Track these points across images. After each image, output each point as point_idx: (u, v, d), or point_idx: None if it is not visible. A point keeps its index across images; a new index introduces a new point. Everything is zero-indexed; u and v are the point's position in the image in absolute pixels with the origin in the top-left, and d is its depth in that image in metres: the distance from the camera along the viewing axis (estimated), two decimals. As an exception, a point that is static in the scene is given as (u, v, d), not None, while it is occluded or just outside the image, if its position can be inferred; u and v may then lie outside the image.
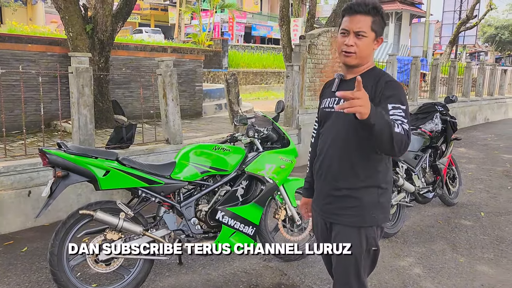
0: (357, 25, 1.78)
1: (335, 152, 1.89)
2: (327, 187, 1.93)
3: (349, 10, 1.82)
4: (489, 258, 3.61)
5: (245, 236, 3.11)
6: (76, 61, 4.36)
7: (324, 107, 1.98)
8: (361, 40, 1.79)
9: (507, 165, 7.23)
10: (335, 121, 1.89)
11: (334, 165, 1.89)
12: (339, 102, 1.84)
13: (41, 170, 4.05)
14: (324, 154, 1.94)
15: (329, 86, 2.02)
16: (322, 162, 1.95)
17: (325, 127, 1.96)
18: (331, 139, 1.91)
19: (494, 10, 27.63)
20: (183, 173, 3.00)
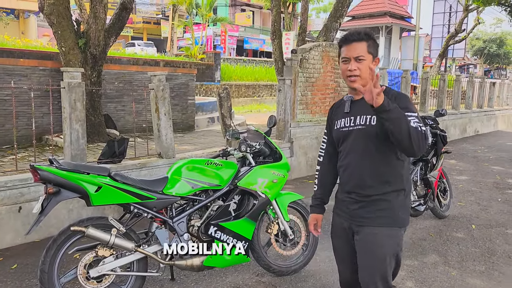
0: (356, 51, 2.03)
1: (361, 164, 2.08)
2: (357, 196, 2.10)
3: (345, 40, 2.08)
4: (481, 271, 3.63)
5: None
6: (69, 76, 4.37)
7: (340, 128, 2.16)
8: (361, 64, 2.02)
9: (497, 177, 7.31)
10: (356, 138, 2.09)
11: (361, 176, 2.08)
12: (355, 121, 2.08)
13: (32, 186, 4.02)
14: (350, 167, 2.12)
15: (338, 107, 2.24)
16: (350, 174, 2.13)
17: (345, 145, 2.15)
18: (355, 153, 2.10)
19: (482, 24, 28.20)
20: (175, 188, 3.00)
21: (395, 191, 2.05)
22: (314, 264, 3.64)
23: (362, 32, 2.06)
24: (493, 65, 54.70)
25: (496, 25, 52.35)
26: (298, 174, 7.01)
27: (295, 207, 3.55)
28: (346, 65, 2.06)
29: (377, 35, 27.65)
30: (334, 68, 7.55)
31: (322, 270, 3.57)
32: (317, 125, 7.36)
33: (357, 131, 2.08)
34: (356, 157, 2.10)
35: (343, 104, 2.19)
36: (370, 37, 2.06)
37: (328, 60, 7.42)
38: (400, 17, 27.93)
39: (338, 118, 2.19)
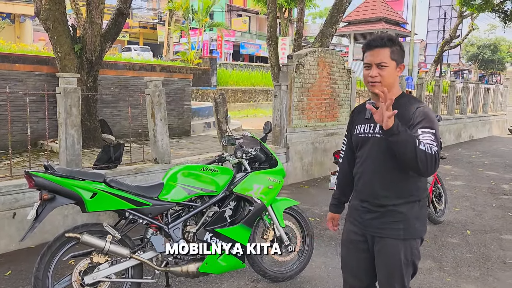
0: (378, 57, 2.01)
1: (376, 173, 2.07)
2: (370, 205, 2.10)
3: (368, 46, 2.06)
4: (476, 277, 3.64)
5: (233, 257, 3.09)
6: (64, 81, 4.37)
7: (360, 133, 2.15)
8: (383, 70, 2.01)
9: (492, 182, 7.35)
10: (373, 146, 2.08)
11: (376, 185, 2.07)
12: (375, 128, 2.07)
13: (27, 192, 4.00)
14: (365, 176, 2.12)
15: (360, 113, 2.23)
16: (364, 183, 2.13)
17: (363, 151, 2.14)
18: (371, 162, 2.10)
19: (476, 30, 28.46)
20: (171, 194, 2.99)
21: (410, 202, 2.03)
22: (310, 270, 3.64)
23: (386, 38, 2.03)
24: (487, 70, 55.10)
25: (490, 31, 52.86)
26: (294, 180, 7.02)
27: (291, 213, 3.55)
28: (367, 71, 2.05)
29: (373, 40, 27.78)
30: (329, 74, 7.58)
31: (318, 276, 3.56)
32: (313, 130, 7.38)
33: (375, 138, 2.07)
34: (371, 165, 2.09)
35: (364, 109, 2.17)
36: (394, 43, 2.01)
37: (324, 66, 7.45)
38: (396, 23, 28.12)
39: (359, 123, 2.18)
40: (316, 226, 4.74)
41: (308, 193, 6.37)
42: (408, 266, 2.04)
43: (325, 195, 6.11)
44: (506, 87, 16.71)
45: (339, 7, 9.23)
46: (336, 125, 7.86)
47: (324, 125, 7.64)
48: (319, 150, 7.50)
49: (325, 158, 7.57)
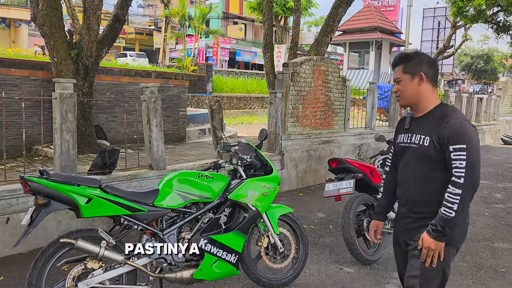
0: (395, 75, 2.23)
1: (413, 182, 2.19)
2: (407, 211, 2.22)
3: (393, 63, 2.25)
4: (468, 285, 3.67)
5: (228, 264, 3.10)
6: (60, 87, 4.38)
7: (400, 142, 2.30)
8: (400, 84, 2.21)
9: (484, 191, 7.40)
10: (411, 155, 2.21)
11: (413, 194, 2.19)
12: (411, 139, 2.20)
13: (21, 197, 3.99)
14: (404, 183, 2.26)
15: (402, 122, 2.36)
16: (403, 191, 2.27)
17: (403, 160, 2.29)
18: (409, 170, 2.23)
19: (470, 40, 28.78)
20: (166, 200, 3.00)
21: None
22: (304, 277, 3.65)
23: (399, 56, 2.24)
24: (480, 80, 55.67)
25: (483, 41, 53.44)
26: (288, 187, 7.04)
27: (285, 220, 3.57)
28: (395, 86, 2.25)
29: (367, 49, 28.07)
30: (324, 82, 7.64)
31: (312, 283, 3.57)
32: (308, 138, 7.42)
33: (412, 148, 2.19)
34: (409, 174, 2.22)
35: (404, 120, 2.33)
36: (406, 59, 2.18)
37: (319, 74, 7.51)
38: (390, 32, 28.40)
39: (400, 133, 2.33)
40: (311, 234, 4.75)
41: (302, 201, 6.39)
42: (437, 272, 2.08)
43: (319, 203, 6.14)
44: (499, 97, 16.89)
45: (334, 16, 9.32)
46: (331, 133, 7.91)
47: (319, 133, 7.69)
48: (313, 157, 7.53)
49: (320, 166, 7.60)
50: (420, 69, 2.15)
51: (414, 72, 2.15)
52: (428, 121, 2.13)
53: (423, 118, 2.17)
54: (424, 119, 2.16)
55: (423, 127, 2.14)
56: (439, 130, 2.06)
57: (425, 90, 2.16)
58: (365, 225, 4.06)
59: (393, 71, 2.26)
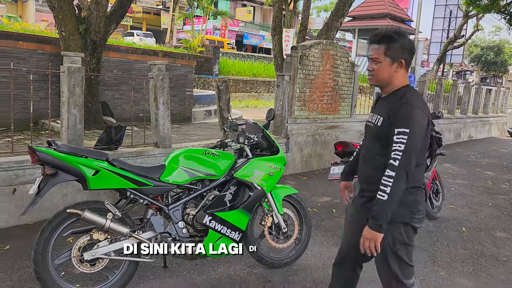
0: (374, 53, 2.12)
1: (366, 159, 2.27)
2: (362, 189, 2.29)
3: (369, 40, 2.18)
4: (469, 272, 3.69)
5: (231, 241, 3.12)
6: (69, 60, 4.36)
7: (367, 121, 2.33)
8: (377, 65, 2.12)
9: (489, 182, 7.39)
10: (368, 134, 2.30)
11: (365, 172, 2.26)
12: (372, 118, 2.23)
13: (28, 168, 4.02)
14: (360, 161, 2.35)
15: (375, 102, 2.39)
16: (360, 168, 2.34)
17: (364, 139, 2.40)
18: (364, 149, 2.32)
19: (481, 31, 28.35)
20: (172, 176, 3.01)
21: None
22: (306, 258, 3.68)
23: (381, 34, 2.11)
24: (489, 72, 55.01)
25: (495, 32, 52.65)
26: (293, 170, 7.05)
27: (290, 201, 3.58)
28: (369, 64, 2.18)
29: (377, 36, 27.69)
30: (333, 67, 7.57)
31: (313, 264, 3.60)
32: (314, 122, 7.39)
33: (370, 127, 2.25)
34: (364, 153, 2.31)
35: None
36: (390, 41, 2.06)
37: (328, 58, 7.44)
38: (400, 19, 28.01)
39: (371, 111, 2.37)
40: (314, 217, 4.77)
41: (306, 184, 6.40)
42: (392, 248, 2.13)
43: (323, 187, 6.15)
44: (508, 89, 16.71)
45: (345, 0, 9.18)
46: (337, 118, 7.87)
47: (325, 118, 7.65)
48: (319, 142, 7.51)
49: (325, 151, 7.59)
50: (402, 55, 2.10)
51: (395, 57, 2.09)
52: (387, 102, 2.13)
53: (386, 99, 2.18)
54: (386, 99, 2.16)
55: (382, 107, 2.15)
56: (390, 111, 2.07)
57: (399, 75, 2.13)
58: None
59: (369, 45, 2.15)
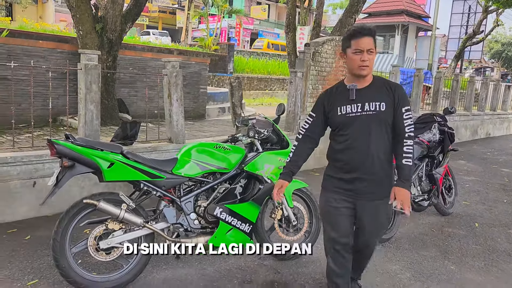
0: (368, 45, 2.35)
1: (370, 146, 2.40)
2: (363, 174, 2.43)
3: (358, 34, 2.36)
4: (480, 267, 3.68)
5: (242, 233, 3.20)
6: (86, 58, 4.49)
7: (347, 113, 2.44)
8: (371, 55, 2.36)
9: (505, 179, 7.30)
10: (365, 122, 2.41)
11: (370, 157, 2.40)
12: (364, 107, 2.40)
13: (47, 162, 4.16)
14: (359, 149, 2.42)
15: (338, 94, 2.51)
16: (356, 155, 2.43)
17: (352, 129, 2.43)
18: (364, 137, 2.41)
19: (501, 26, 27.77)
20: (184, 169, 3.10)
21: (391, 168, 2.51)
22: (316, 251, 3.70)
23: (369, 28, 2.38)
24: (510, 69, 53.76)
25: (516, 28, 51.30)
26: (305, 167, 6.99)
27: (300, 194, 3.64)
28: (358, 56, 2.35)
29: (393, 33, 27.44)
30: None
31: (322, 258, 3.59)
32: (327, 119, 7.39)
33: (367, 116, 2.40)
34: (364, 141, 2.41)
35: (344, 91, 2.47)
36: (374, 34, 2.38)
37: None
38: (417, 16, 27.66)
39: (342, 104, 2.46)
40: (325, 211, 4.80)
41: (318, 180, 6.39)
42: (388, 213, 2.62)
43: (335, 183, 6.16)
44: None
45: (359, -4, 9.15)
46: (350, 115, 7.86)
47: (338, 114, 7.65)
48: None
49: (338, 147, 7.59)
50: (376, 45, 2.42)
51: (375, 47, 2.40)
52: (377, 90, 2.42)
53: (368, 88, 2.42)
54: (371, 89, 2.42)
55: (373, 95, 2.40)
56: (391, 96, 2.40)
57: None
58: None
59: (359, 38, 2.35)
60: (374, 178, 2.43)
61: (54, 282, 2.96)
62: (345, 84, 2.49)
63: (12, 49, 6.21)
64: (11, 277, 3.02)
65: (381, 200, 2.47)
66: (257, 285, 3.14)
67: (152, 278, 3.13)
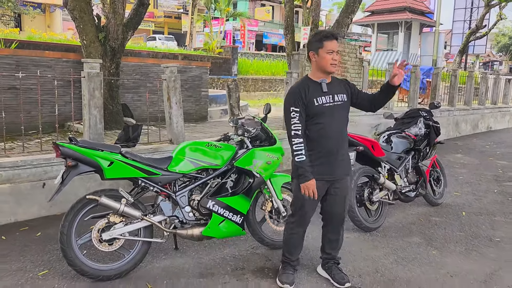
0: (337, 46, 2.92)
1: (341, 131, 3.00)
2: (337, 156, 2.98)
3: (331, 37, 2.92)
4: (460, 251, 3.90)
5: (234, 224, 3.47)
6: (88, 66, 4.80)
7: (323, 103, 2.92)
8: (338, 56, 2.96)
9: (499, 170, 7.46)
10: (337, 111, 2.95)
11: (340, 140, 2.99)
12: (335, 98, 2.95)
13: (55, 165, 4.48)
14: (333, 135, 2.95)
15: (311, 88, 2.94)
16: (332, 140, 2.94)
17: (327, 117, 2.93)
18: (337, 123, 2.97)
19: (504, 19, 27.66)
20: (178, 166, 3.38)
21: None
22: (306, 240, 3.89)
23: (338, 33, 2.98)
24: (518, 61, 53.19)
25: (521, 21, 50.88)
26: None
27: (289, 187, 3.88)
28: (330, 55, 2.89)
29: (396, 30, 27.52)
30: (341, 63, 7.81)
31: (311, 245, 3.89)
32: (324, 117, 7.63)
33: (338, 105, 2.95)
34: (336, 126, 2.96)
35: (315, 85, 2.95)
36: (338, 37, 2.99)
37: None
38: (420, 12, 27.71)
39: (317, 96, 2.93)
40: (318, 205, 5.04)
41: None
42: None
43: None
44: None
45: (355, -4, 9.37)
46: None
47: (335, 112, 7.88)
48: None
49: (335, 144, 7.81)
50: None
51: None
52: (337, 85, 3.02)
53: (332, 84, 2.99)
54: (333, 84, 3.01)
55: (336, 89, 2.99)
56: (347, 87, 3.07)
57: None
58: (366, 196, 4.32)
59: (332, 40, 2.88)
60: (343, 158, 3.02)
61: (63, 272, 3.25)
62: (313, 80, 2.97)
63: (20, 60, 6.57)
64: (23, 268, 3.32)
65: (348, 175, 3.09)
66: (249, 271, 3.40)
67: (152, 267, 3.41)
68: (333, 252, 3.29)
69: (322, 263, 3.35)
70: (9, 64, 6.39)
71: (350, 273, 3.39)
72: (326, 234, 3.29)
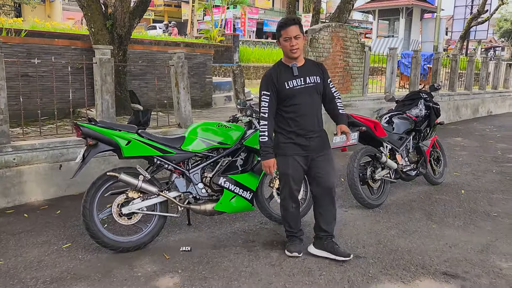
0: (294, 32, 3.02)
1: (313, 112, 3.20)
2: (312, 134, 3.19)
3: (284, 25, 3.05)
4: (459, 225, 4.11)
5: (244, 199, 3.67)
6: (100, 52, 4.97)
7: (294, 86, 3.13)
8: (298, 40, 3.05)
9: (499, 152, 7.65)
10: (308, 93, 3.16)
11: (315, 119, 3.21)
12: (306, 80, 3.15)
13: (71, 147, 4.68)
14: (307, 115, 3.16)
15: (282, 72, 3.15)
16: (307, 120, 3.17)
17: (299, 99, 3.15)
18: (309, 105, 3.17)
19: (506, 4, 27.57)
20: (191, 145, 3.58)
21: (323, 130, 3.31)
22: (310, 216, 4.14)
23: (292, 18, 3.09)
24: (520, 47, 52.94)
25: (524, 5, 50.44)
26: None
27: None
28: (288, 42, 3.04)
29: (397, 16, 27.46)
30: (343, 48, 7.95)
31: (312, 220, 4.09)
32: (326, 102, 7.80)
33: (310, 87, 3.14)
34: (310, 107, 3.16)
35: (287, 69, 3.13)
36: (298, 22, 3.04)
37: (338, 40, 7.82)
38: (421, -2, 27.59)
39: (288, 79, 3.11)
40: (322, 184, 5.24)
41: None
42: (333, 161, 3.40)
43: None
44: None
45: (356, -17, 9.46)
46: (349, 97, 8.25)
47: (338, 97, 8.04)
48: (331, 120, 7.91)
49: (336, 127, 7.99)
50: (303, 31, 3.08)
51: (302, 33, 3.07)
52: (310, 67, 3.20)
53: (304, 67, 3.16)
54: (306, 66, 3.18)
55: (309, 71, 3.16)
56: (320, 71, 3.24)
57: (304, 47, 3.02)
58: (368, 174, 4.51)
59: (286, 28, 3.01)
60: (319, 135, 3.22)
61: (85, 245, 3.47)
62: (285, 64, 3.15)
63: (31, 48, 6.72)
64: (48, 242, 3.54)
65: (327, 150, 3.28)
66: (259, 243, 3.61)
67: (168, 240, 3.62)
68: (329, 228, 3.33)
69: (317, 241, 3.37)
70: (21, 52, 6.54)
71: (354, 245, 3.60)
72: (317, 210, 3.35)
